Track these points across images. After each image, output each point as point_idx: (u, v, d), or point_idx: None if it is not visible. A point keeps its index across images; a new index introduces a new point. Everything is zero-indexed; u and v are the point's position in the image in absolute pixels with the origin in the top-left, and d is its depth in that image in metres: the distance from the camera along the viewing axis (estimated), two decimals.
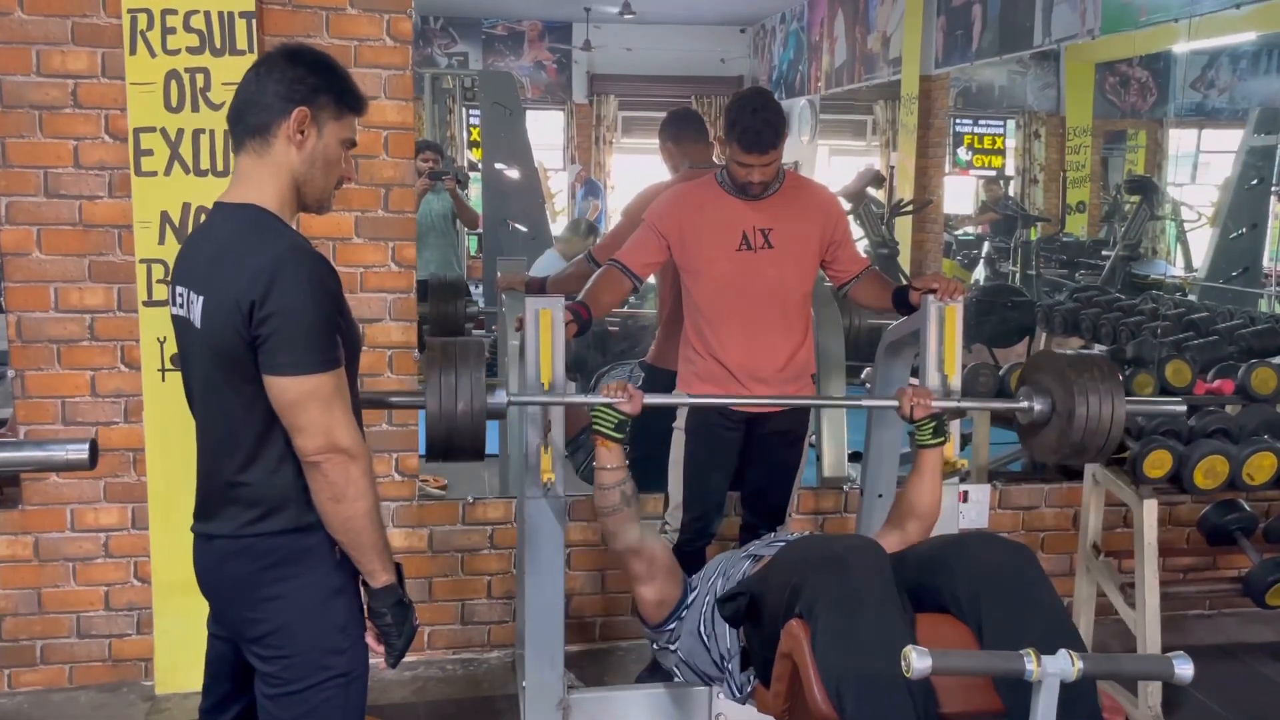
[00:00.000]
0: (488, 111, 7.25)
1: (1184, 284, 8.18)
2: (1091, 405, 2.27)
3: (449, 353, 2.30)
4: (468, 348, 2.33)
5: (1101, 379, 2.29)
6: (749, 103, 2.78)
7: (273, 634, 1.76)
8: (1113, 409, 2.26)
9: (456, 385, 2.25)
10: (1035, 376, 2.45)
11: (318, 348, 1.66)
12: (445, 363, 2.27)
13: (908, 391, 2.43)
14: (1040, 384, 2.42)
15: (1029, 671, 1.41)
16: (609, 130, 11.95)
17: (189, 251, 1.82)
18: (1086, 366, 2.32)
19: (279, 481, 1.73)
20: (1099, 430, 2.27)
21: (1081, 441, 2.29)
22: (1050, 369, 2.40)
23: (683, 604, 2.41)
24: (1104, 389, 2.28)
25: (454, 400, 2.24)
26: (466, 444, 2.30)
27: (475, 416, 2.26)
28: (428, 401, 2.27)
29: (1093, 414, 2.27)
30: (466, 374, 2.25)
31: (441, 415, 2.26)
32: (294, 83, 1.74)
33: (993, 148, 11.34)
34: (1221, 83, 11.37)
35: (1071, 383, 2.29)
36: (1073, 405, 2.29)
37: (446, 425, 2.26)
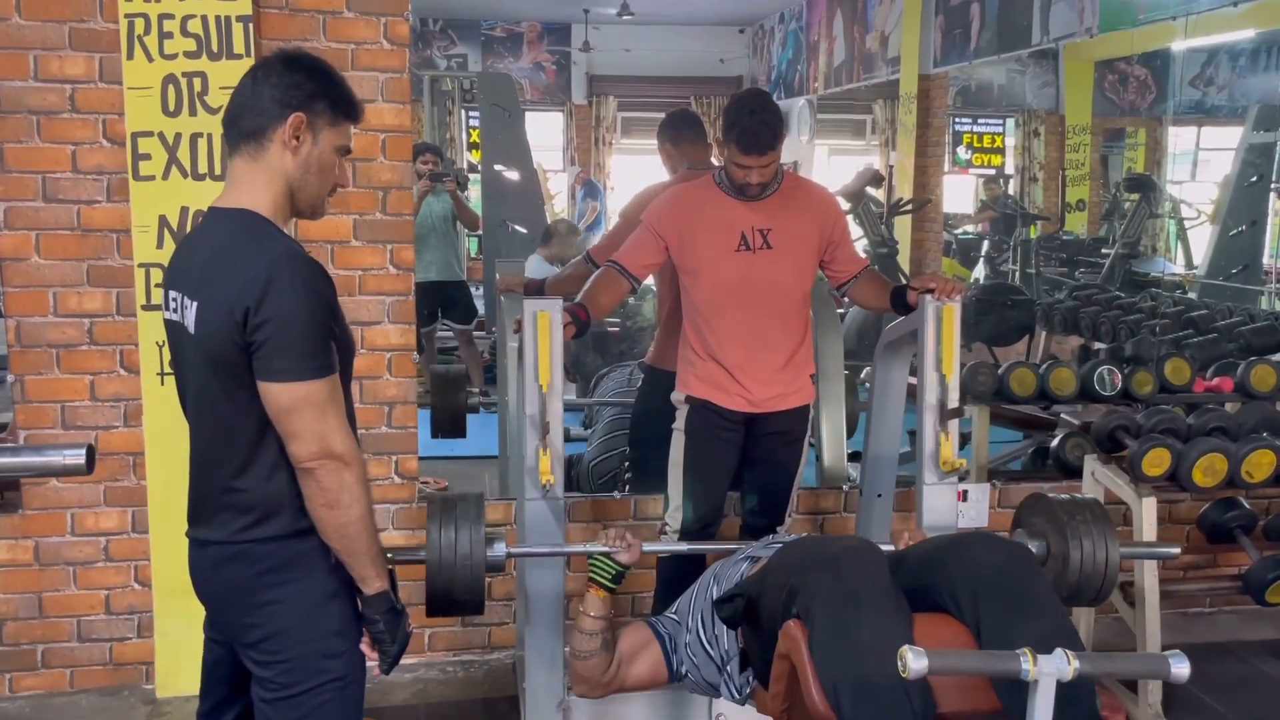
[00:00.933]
0: (486, 113, 7.27)
1: (1184, 282, 8.18)
2: (1085, 549, 2.29)
3: (449, 507, 2.31)
4: (467, 502, 2.34)
5: (1094, 524, 2.31)
6: (747, 104, 2.78)
7: (269, 639, 1.76)
8: (1106, 553, 2.29)
9: (456, 540, 2.27)
10: (1029, 520, 2.46)
11: (312, 354, 1.66)
12: (445, 517, 2.28)
13: (904, 536, 2.38)
14: (1035, 527, 2.44)
15: (1025, 671, 1.41)
16: (608, 131, 11.96)
17: (182, 256, 1.82)
18: (1079, 510, 2.34)
19: (273, 487, 1.73)
20: (1094, 574, 2.29)
21: (1078, 585, 2.31)
22: (1044, 513, 2.41)
23: (668, 648, 2.35)
24: (1098, 534, 2.30)
25: (453, 554, 2.26)
26: (466, 598, 2.31)
27: (474, 570, 2.27)
28: (427, 557, 2.28)
29: (1087, 558, 2.29)
30: (466, 529, 2.26)
31: (441, 570, 2.27)
32: (290, 88, 1.74)
33: (992, 146, 11.34)
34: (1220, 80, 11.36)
35: (1064, 526, 2.32)
36: (1067, 550, 2.31)
37: (446, 579, 2.27)
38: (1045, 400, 3.81)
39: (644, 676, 2.33)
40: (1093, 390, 3.68)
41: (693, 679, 2.34)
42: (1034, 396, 3.74)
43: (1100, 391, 3.67)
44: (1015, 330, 6.20)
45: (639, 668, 2.32)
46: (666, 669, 2.34)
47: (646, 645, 2.35)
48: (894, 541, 2.39)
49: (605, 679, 2.31)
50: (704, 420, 2.97)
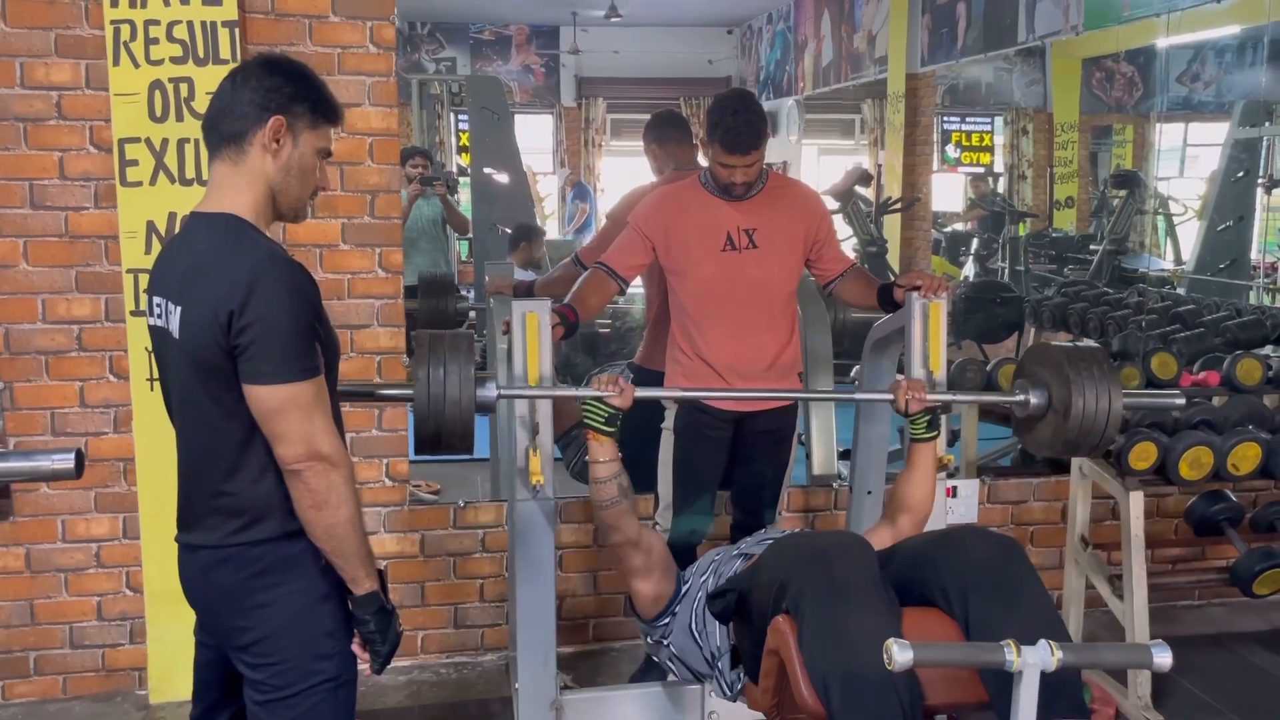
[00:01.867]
0: (475, 116, 7.26)
1: (1173, 277, 8.21)
2: (1088, 400, 2.25)
3: (438, 344, 2.26)
4: (457, 339, 2.28)
5: (1099, 373, 2.28)
6: (730, 104, 2.79)
7: (260, 641, 1.77)
8: (1110, 403, 2.24)
9: (445, 377, 2.21)
10: (1032, 369, 2.43)
11: (297, 356, 1.66)
12: (434, 354, 2.23)
13: (902, 385, 2.40)
14: (1037, 377, 2.40)
15: (1009, 662, 1.43)
16: (598, 133, 11.97)
17: (165, 261, 1.82)
18: (1084, 360, 2.30)
19: (261, 490, 1.74)
20: (1095, 425, 2.26)
21: (1077, 436, 2.28)
22: (1047, 362, 2.38)
23: (676, 598, 2.41)
24: (1101, 383, 2.26)
25: (443, 391, 2.20)
26: (456, 435, 2.25)
27: (464, 408, 2.22)
28: (416, 392, 2.22)
29: (1089, 408, 2.25)
30: (455, 365, 2.21)
31: (430, 406, 2.22)
32: (270, 91, 1.75)
33: (980, 145, 11.37)
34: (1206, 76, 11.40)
35: (1069, 376, 2.28)
36: (1069, 399, 2.27)
37: (435, 417, 2.22)
38: None
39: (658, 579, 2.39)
40: None
41: (674, 651, 2.37)
42: None
43: None
44: (1004, 327, 6.23)
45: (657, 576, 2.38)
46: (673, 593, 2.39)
47: (670, 570, 2.42)
48: (893, 393, 2.39)
49: (633, 534, 2.35)
50: (693, 419, 2.99)
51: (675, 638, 2.40)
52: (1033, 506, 3.72)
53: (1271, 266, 8.16)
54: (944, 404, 2.64)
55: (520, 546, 2.62)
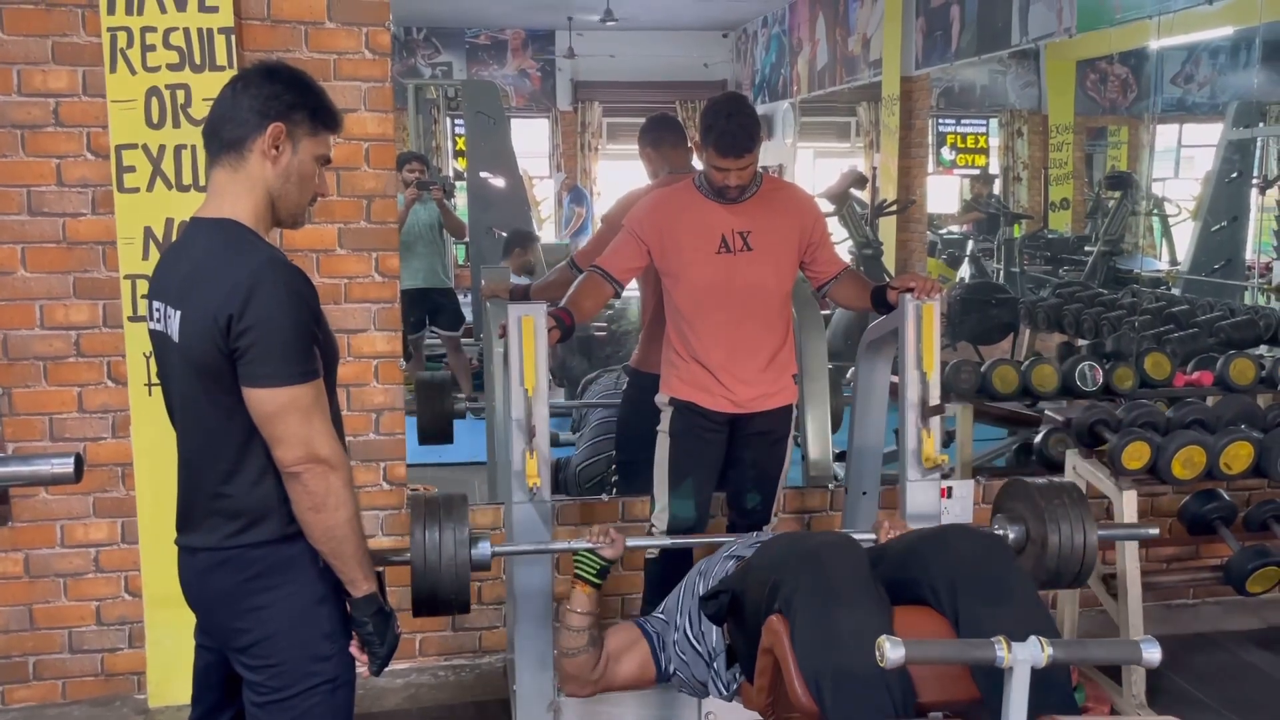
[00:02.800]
0: (471, 121, 7.28)
1: (1168, 278, 8.24)
2: (1063, 532, 2.31)
3: (433, 508, 2.32)
4: (450, 502, 2.34)
5: (1072, 508, 2.34)
6: (724, 108, 2.81)
7: (259, 643, 1.78)
8: (1085, 536, 2.31)
9: (440, 541, 2.27)
10: (1008, 505, 2.49)
11: (295, 359, 1.68)
12: (429, 518, 2.29)
13: (884, 524, 2.42)
14: (1014, 512, 2.46)
15: (1000, 658, 1.44)
16: (594, 137, 12.00)
17: (165, 266, 1.84)
18: (1056, 495, 2.37)
19: (261, 493, 1.75)
20: (1072, 557, 2.31)
21: (1056, 568, 2.33)
22: (1022, 498, 2.44)
23: (656, 647, 2.38)
24: (1075, 518, 2.32)
25: (438, 555, 2.26)
26: (451, 598, 2.31)
27: (459, 570, 2.27)
28: (412, 557, 2.28)
29: (1065, 540, 2.31)
30: (450, 529, 2.27)
31: (426, 570, 2.27)
32: (269, 99, 1.77)
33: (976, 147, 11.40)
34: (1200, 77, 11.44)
35: (1043, 511, 2.34)
36: (1045, 533, 2.33)
37: (431, 580, 2.28)
38: (1028, 397, 3.85)
39: (632, 674, 2.36)
40: (1074, 386, 3.72)
41: (682, 677, 2.37)
42: (1016, 393, 3.78)
43: (1082, 387, 3.71)
44: (999, 329, 6.25)
45: (627, 666, 2.35)
46: (655, 667, 2.36)
47: (634, 644, 2.38)
48: (875, 532, 2.42)
49: (594, 677, 2.33)
50: (688, 422, 3.00)
51: (678, 666, 2.38)
52: None
53: (1266, 267, 8.19)
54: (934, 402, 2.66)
55: (517, 547, 2.64)
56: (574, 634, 2.29)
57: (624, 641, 2.37)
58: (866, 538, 2.48)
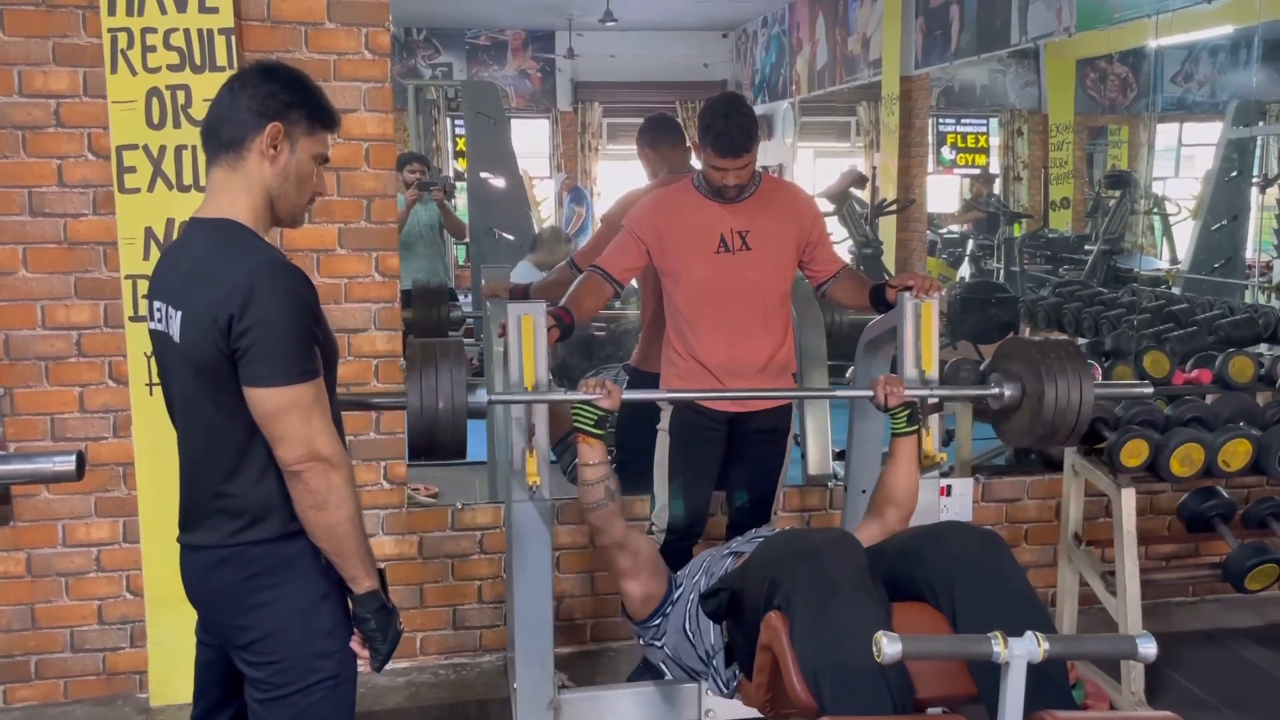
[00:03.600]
0: (471, 121, 7.29)
1: (1168, 277, 8.24)
2: (1060, 388, 2.33)
3: (429, 352, 2.33)
4: (447, 347, 2.35)
5: (1070, 363, 2.36)
6: (721, 108, 2.82)
7: (261, 640, 1.79)
8: (1081, 390, 2.33)
9: (437, 383, 2.28)
10: (1004, 364, 2.51)
11: (296, 359, 1.69)
12: (425, 362, 2.31)
13: (880, 380, 2.48)
14: (1009, 370, 2.49)
15: (996, 653, 1.45)
16: (594, 137, 12.01)
17: (165, 266, 1.85)
18: (1055, 352, 2.39)
19: (262, 491, 1.76)
20: (1068, 411, 2.33)
21: (1052, 423, 2.35)
22: (1019, 355, 2.47)
23: (668, 600, 2.45)
24: (1071, 372, 2.34)
25: (435, 398, 2.27)
26: (448, 441, 2.32)
27: (456, 414, 2.29)
28: (409, 400, 2.29)
29: (1061, 396, 2.33)
30: (446, 372, 2.28)
31: (422, 413, 2.28)
32: (267, 98, 1.78)
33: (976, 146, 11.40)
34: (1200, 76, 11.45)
35: (1039, 367, 2.36)
36: (1042, 388, 2.35)
37: (427, 423, 2.29)
38: None
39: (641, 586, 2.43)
40: None
41: (669, 651, 2.39)
42: None
43: None
44: (999, 327, 6.24)
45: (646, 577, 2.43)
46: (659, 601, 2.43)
47: (660, 572, 2.46)
48: (872, 389, 2.46)
49: (618, 535, 2.41)
50: (687, 420, 3.01)
51: (669, 638, 2.43)
52: (1026, 505, 3.74)
53: (1266, 265, 8.19)
54: (933, 401, 2.67)
55: (517, 547, 2.65)
56: (591, 487, 2.38)
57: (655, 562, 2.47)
58: (864, 394, 2.55)
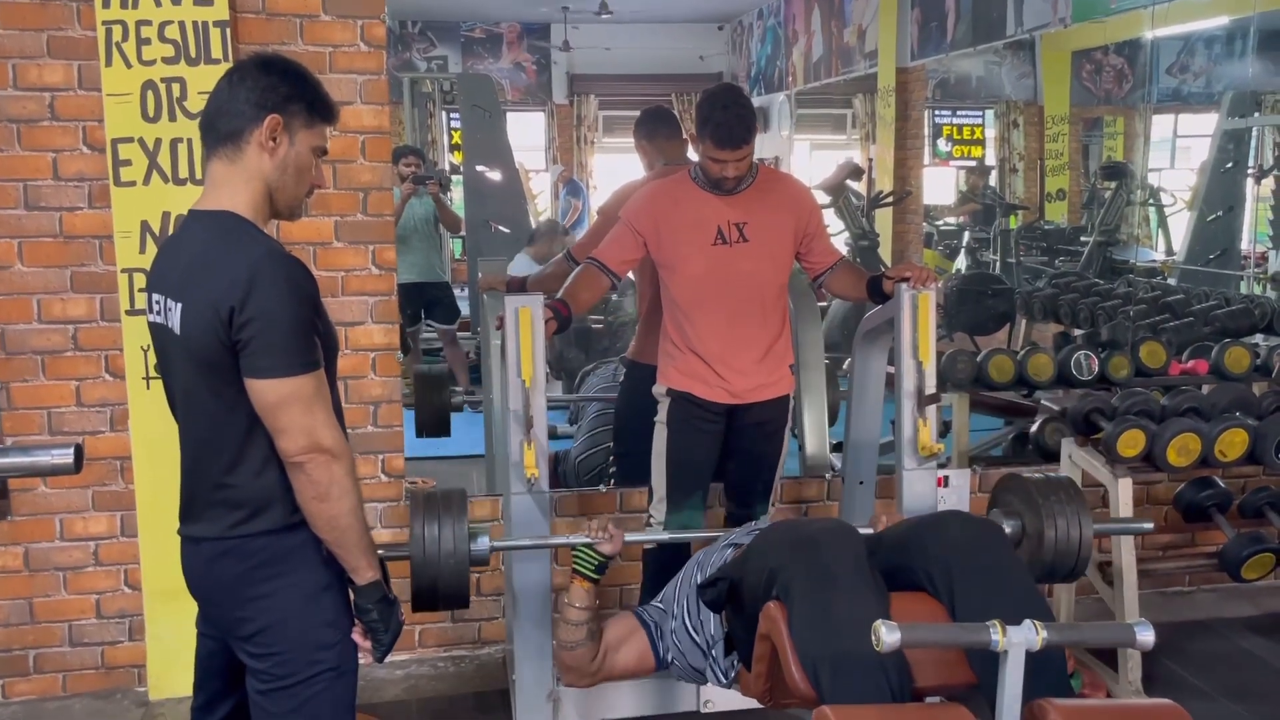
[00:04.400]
0: (467, 114, 7.28)
1: (1163, 268, 8.25)
2: (1060, 528, 2.34)
3: (432, 503, 2.33)
4: (449, 497, 2.35)
5: (1068, 503, 2.36)
6: (720, 99, 2.82)
7: (263, 631, 1.80)
8: (1080, 531, 2.34)
9: (440, 536, 2.28)
10: (1005, 499, 2.52)
11: (297, 350, 1.69)
12: (429, 513, 2.30)
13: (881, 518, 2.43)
14: (1010, 507, 2.49)
15: (994, 642, 1.46)
16: (590, 130, 11.98)
17: (164, 259, 1.85)
18: (1053, 490, 2.40)
19: (264, 483, 1.76)
20: (1068, 551, 2.34)
21: (1052, 562, 2.36)
22: (1019, 492, 2.47)
23: (654, 635, 2.40)
24: (1070, 513, 2.35)
25: (437, 550, 2.28)
26: (452, 594, 2.33)
27: (458, 565, 2.29)
28: (412, 552, 2.30)
29: (1060, 536, 2.34)
30: (449, 524, 2.28)
31: (425, 565, 2.29)
32: (266, 90, 1.77)
33: (972, 138, 11.39)
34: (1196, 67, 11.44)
35: (1039, 506, 2.37)
36: (1041, 527, 2.36)
37: (431, 575, 2.29)
38: (1024, 386, 3.86)
39: (631, 664, 2.37)
40: (1070, 375, 3.73)
41: (679, 666, 2.38)
42: (1013, 383, 3.79)
43: (1077, 376, 3.72)
44: (996, 319, 6.26)
45: (626, 655, 2.36)
46: (653, 656, 2.38)
47: (633, 634, 2.40)
48: (873, 525, 2.43)
49: (593, 668, 2.35)
50: (685, 412, 3.01)
51: (675, 656, 2.40)
52: None
53: (1262, 256, 8.20)
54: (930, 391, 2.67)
55: (515, 539, 2.65)
56: (572, 627, 2.31)
57: (622, 632, 2.39)
58: (863, 532, 2.44)
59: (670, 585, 2.48)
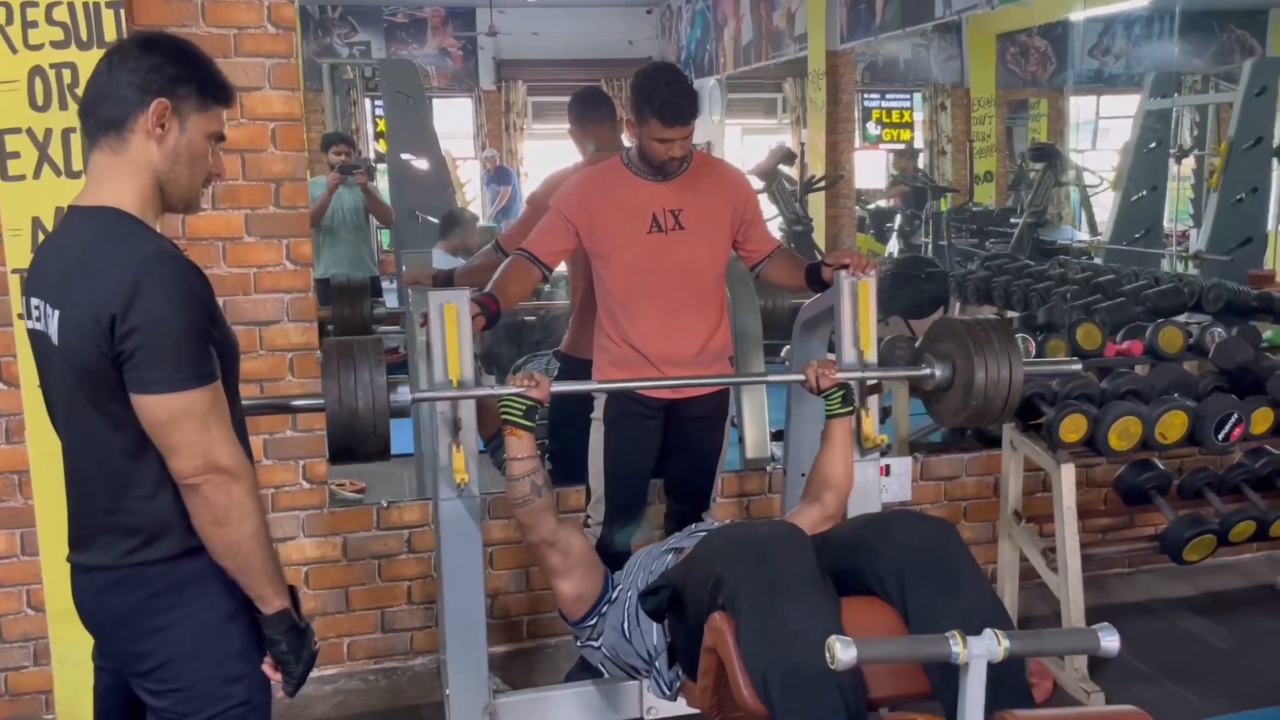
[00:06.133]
0: (390, 101, 7.07)
1: (1089, 248, 8.36)
2: (990, 368, 2.35)
3: (345, 350, 2.24)
4: (365, 345, 2.27)
5: (999, 343, 2.37)
6: (661, 75, 2.71)
7: (163, 666, 1.64)
8: (1010, 370, 2.34)
9: (356, 383, 2.19)
10: (935, 344, 2.52)
11: (189, 361, 1.53)
12: (343, 360, 2.21)
13: (812, 364, 2.46)
14: (940, 350, 2.49)
15: (955, 654, 1.37)
16: (519, 116, 11.77)
17: (42, 260, 1.68)
18: (983, 331, 2.40)
19: (157, 506, 1.61)
20: (999, 390, 2.35)
21: (983, 402, 2.37)
22: (949, 335, 2.47)
23: (604, 599, 2.35)
24: (1000, 350, 2.36)
25: (354, 399, 2.19)
26: (370, 444, 2.24)
27: (378, 415, 2.21)
28: (327, 402, 2.21)
29: (992, 377, 2.35)
30: (366, 371, 2.19)
31: (342, 415, 2.20)
32: (150, 72, 1.61)
33: (901, 121, 11.44)
34: (1117, 49, 11.64)
35: (969, 347, 2.37)
36: (972, 368, 2.37)
37: (347, 425, 2.20)
38: None
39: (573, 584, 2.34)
40: None
41: (606, 650, 2.32)
42: None
43: None
44: (930, 302, 6.24)
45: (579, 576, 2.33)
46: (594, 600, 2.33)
47: (594, 569, 2.36)
48: (804, 373, 2.45)
49: (549, 533, 2.32)
50: (622, 408, 2.90)
51: (606, 638, 2.32)
52: (965, 482, 3.71)
53: (1183, 234, 8.35)
54: (872, 382, 2.61)
55: (445, 546, 2.53)
56: (518, 482, 2.30)
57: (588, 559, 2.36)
58: (796, 379, 2.53)
59: (620, 573, 2.40)
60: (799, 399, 3.11)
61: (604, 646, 2.33)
